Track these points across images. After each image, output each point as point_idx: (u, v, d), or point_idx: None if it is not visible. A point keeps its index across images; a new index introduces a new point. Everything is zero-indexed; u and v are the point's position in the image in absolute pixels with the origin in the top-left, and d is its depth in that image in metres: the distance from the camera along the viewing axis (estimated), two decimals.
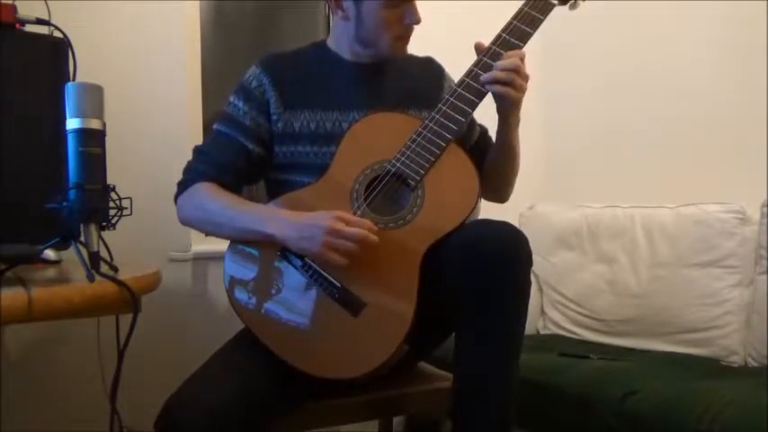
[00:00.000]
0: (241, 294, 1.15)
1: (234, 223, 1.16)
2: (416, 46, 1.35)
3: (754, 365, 1.70)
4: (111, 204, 1.00)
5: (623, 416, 1.37)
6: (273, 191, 1.30)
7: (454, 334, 1.08)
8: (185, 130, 1.78)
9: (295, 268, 1.12)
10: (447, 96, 1.17)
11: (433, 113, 1.16)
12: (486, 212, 1.17)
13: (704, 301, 1.78)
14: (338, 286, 1.09)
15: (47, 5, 1.25)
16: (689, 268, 1.81)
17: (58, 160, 1.02)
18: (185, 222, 1.26)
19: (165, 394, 1.02)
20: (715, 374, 1.59)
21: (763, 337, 1.67)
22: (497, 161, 1.28)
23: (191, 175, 1.25)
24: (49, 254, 1.16)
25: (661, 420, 1.31)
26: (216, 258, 1.73)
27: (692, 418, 1.26)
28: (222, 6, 2.03)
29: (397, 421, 1.92)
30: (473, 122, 1.36)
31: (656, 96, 2.17)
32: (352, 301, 1.08)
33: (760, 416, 1.22)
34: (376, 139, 1.20)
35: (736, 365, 1.72)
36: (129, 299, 0.93)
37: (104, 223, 1.00)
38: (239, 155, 1.24)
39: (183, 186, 1.25)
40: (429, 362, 1.38)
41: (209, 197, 1.21)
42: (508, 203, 1.37)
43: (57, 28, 1.18)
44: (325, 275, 1.09)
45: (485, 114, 1.27)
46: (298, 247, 1.10)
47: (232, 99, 1.27)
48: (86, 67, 1.21)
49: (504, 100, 1.14)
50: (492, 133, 1.33)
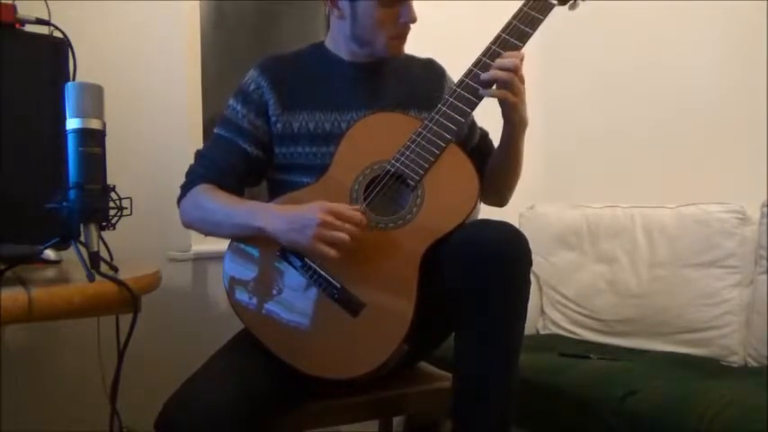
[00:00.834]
0: (241, 295, 1.15)
1: (229, 220, 1.17)
2: (416, 46, 1.36)
3: (754, 365, 1.70)
4: (111, 204, 1.00)
5: (623, 416, 1.37)
6: (274, 191, 1.31)
7: (454, 334, 1.08)
8: (185, 130, 1.78)
9: (294, 269, 1.12)
10: (447, 97, 1.17)
11: (433, 114, 1.16)
12: (486, 213, 1.18)
13: (704, 301, 1.78)
14: (338, 286, 1.09)
15: (47, 5, 1.25)
16: (689, 268, 1.81)
17: (58, 160, 1.02)
18: (187, 224, 1.27)
19: (165, 394, 1.02)
20: (715, 374, 1.59)
21: (763, 337, 1.67)
22: (500, 164, 1.27)
23: (192, 178, 1.26)
24: (49, 254, 1.16)
25: (661, 420, 1.31)
26: (216, 258, 1.73)
27: (692, 418, 1.26)
28: (222, 6, 2.03)
29: (397, 421, 1.92)
30: (473, 125, 1.36)
31: (656, 96, 2.17)
32: (352, 302, 1.08)
33: (760, 416, 1.22)
34: (375, 139, 1.20)
35: (736, 365, 1.72)
36: (129, 299, 0.93)
37: (104, 223, 1.00)
38: (239, 158, 1.25)
39: (184, 189, 1.26)
40: (429, 362, 1.38)
41: (207, 197, 1.21)
42: (508, 203, 1.37)
43: (57, 28, 1.19)
44: (325, 275, 1.09)
45: (486, 117, 1.27)
46: (288, 240, 1.10)
47: (231, 102, 1.28)
48: (86, 67, 1.21)
49: (504, 103, 1.14)
50: (493, 136, 1.33)
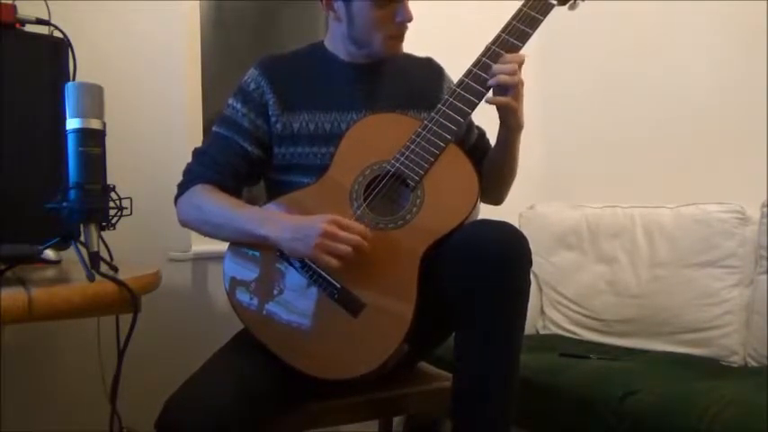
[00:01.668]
0: (241, 295, 1.15)
1: (231, 224, 1.17)
2: (416, 46, 1.36)
3: (754, 365, 1.69)
4: (111, 204, 1.00)
5: (623, 416, 1.37)
6: (273, 192, 1.31)
7: (454, 334, 1.08)
8: (185, 130, 1.78)
9: (295, 269, 1.12)
10: (446, 97, 1.17)
11: (433, 114, 1.16)
12: (486, 212, 1.17)
13: (704, 301, 1.78)
14: (338, 287, 1.09)
15: (47, 5, 1.25)
16: (689, 268, 1.81)
17: (58, 160, 1.02)
18: (184, 224, 1.26)
19: (165, 394, 1.02)
20: (715, 374, 1.59)
21: (763, 337, 1.67)
22: (496, 165, 1.28)
23: (190, 177, 1.26)
24: (49, 254, 1.16)
25: (661, 420, 1.31)
26: (216, 258, 1.73)
27: (692, 418, 1.26)
28: (222, 6, 2.03)
29: (397, 421, 1.92)
30: (471, 124, 1.36)
31: (656, 96, 2.17)
32: (352, 302, 1.08)
33: (760, 416, 1.21)
34: (375, 139, 1.20)
35: (736, 365, 1.72)
36: (129, 299, 0.93)
37: (104, 223, 1.00)
38: (237, 157, 1.25)
39: (182, 188, 1.26)
40: (429, 362, 1.38)
41: (206, 199, 1.21)
42: (508, 203, 1.37)
43: (57, 28, 1.19)
44: (325, 276, 1.09)
45: (484, 116, 1.27)
46: (290, 249, 1.10)
47: (231, 101, 1.28)
48: (86, 67, 1.21)
49: (504, 108, 1.15)
50: (490, 135, 1.33)
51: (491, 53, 1.15)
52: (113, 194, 1.00)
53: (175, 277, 1.75)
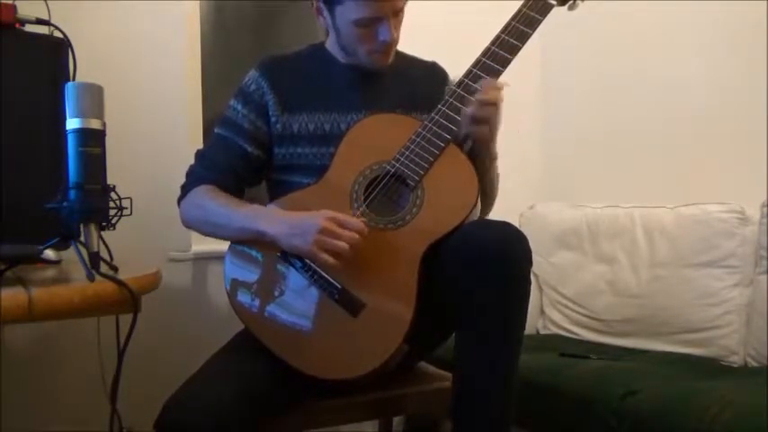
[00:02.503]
0: (241, 295, 1.15)
1: (231, 223, 1.17)
2: (416, 46, 1.36)
3: (754, 365, 1.69)
4: (111, 204, 1.00)
5: (623, 416, 1.37)
6: (274, 192, 1.31)
7: (454, 334, 1.08)
8: (185, 130, 1.78)
9: (295, 269, 1.12)
10: (446, 97, 1.17)
11: (432, 114, 1.16)
12: None
13: (704, 301, 1.77)
14: (338, 287, 1.09)
15: (47, 5, 1.25)
16: (689, 268, 1.81)
17: (58, 160, 1.02)
18: (188, 224, 1.27)
19: (165, 394, 1.02)
20: (715, 374, 1.59)
21: (763, 337, 1.67)
22: None
23: (192, 179, 1.27)
24: (49, 254, 1.16)
25: (661, 420, 1.31)
26: (216, 258, 1.73)
27: (691, 418, 1.26)
28: (222, 6, 2.03)
29: (397, 421, 1.92)
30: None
31: (655, 96, 2.17)
32: (352, 302, 1.08)
33: (760, 416, 1.21)
34: (375, 139, 1.20)
35: (736, 365, 1.72)
36: (129, 299, 0.93)
37: (104, 223, 1.00)
38: (238, 158, 1.25)
39: (185, 190, 1.27)
40: (429, 362, 1.38)
41: (208, 199, 1.22)
42: (508, 203, 1.37)
43: (57, 28, 1.19)
44: (325, 276, 1.10)
45: None
46: (288, 245, 1.10)
47: (232, 103, 1.28)
48: (86, 67, 1.21)
49: (478, 140, 1.15)
50: None
51: (491, 53, 1.16)
52: (113, 194, 1.00)
53: (175, 277, 1.75)
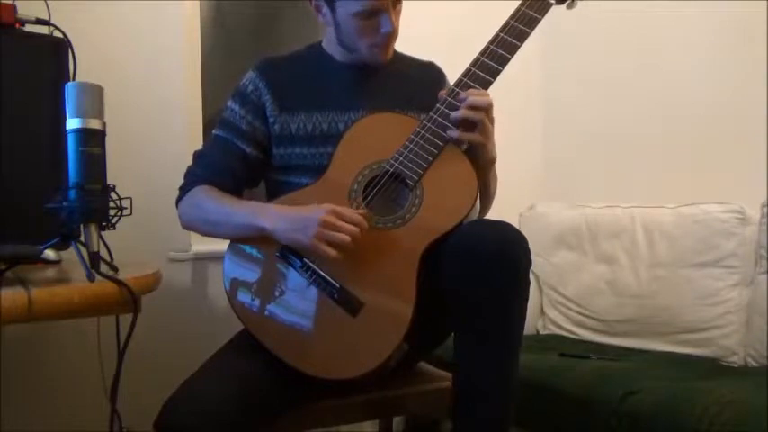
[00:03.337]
0: (240, 295, 1.15)
1: (230, 220, 1.17)
2: (415, 46, 1.36)
3: (754, 365, 1.69)
4: (111, 204, 1.00)
5: (623, 416, 1.37)
6: (273, 193, 1.31)
7: (454, 334, 1.08)
8: (185, 130, 1.78)
9: (294, 269, 1.12)
10: (445, 97, 1.17)
11: (431, 113, 1.16)
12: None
13: (704, 301, 1.77)
14: (337, 286, 1.09)
15: (47, 5, 1.25)
16: (689, 268, 1.81)
17: (58, 160, 1.02)
18: (187, 225, 1.27)
19: (165, 394, 1.02)
20: (715, 374, 1.58)
21: (763, 337, 1.67)
22: None
23: (190, 180, 1.27)
24: (49, 254, 1.16)
25: (661, 420, 1.31)
26: (216, 258, 1.73)
27: (692, 418, 1.26)
28: (222, 6, 2.03)
29: (397, 421, 1.92)
30: None
31: (656, 96, 2.17)
32: (351, 302, 1.08)
33: (760, 416, 1.21)
34: (374, 139, 1.20)
35: (736, 365, 1.72)
36: (129, 299, 0.93)
37: (104, 223, 1.00)
38: (236, 159, 1.25)
39: (183, 191, 1.27)
40: (429, 362, 1.38)
41: (206, 198, 1.22)
42: (508, 203, 1.37)
43: (57, 28, 1.19)
44: (324, 276, 1.10)
45: None
46: (289, 239, 1.10)
47: (229, 104, 1.29)
48: (86, 67, 1.21)
49: (473, 144, 1.15)
50: None
51: (490, 53, 1.15)
52: (113, 194, 1.00)
53: (175, 277, 1.75)
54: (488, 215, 1.29)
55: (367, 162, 1.17)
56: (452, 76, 1.31)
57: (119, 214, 1.01)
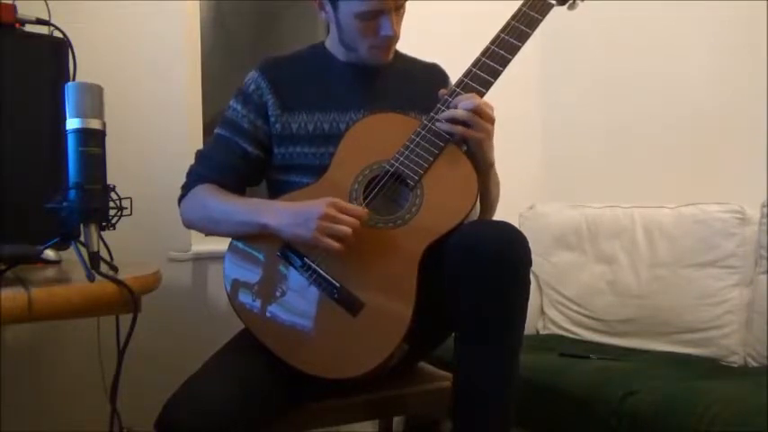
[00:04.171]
0: (241, 295, 1.15)
1: (231, 218, 1.17)
2: (416, 46, 1.36)
3: (754, 365, 1.69)
4: (111, 204, 1.00)
5: (623, 416, 1.37)
6: (274, 192, 1.31)
7: (454, 334, 1.08)
8: (185, 130, 1.78)
9: (294, 269, 1.12)
10: (446, 97, 1.17)
11: (432, 114, 1.16)
12: None
13: (704, 301, 1.77)
14: (337, 286, 1.09)
15: (47, 5, 1.25)
16: (689, 268, 1.81)
17: (58, 160, 1.02)
18: (188, 224, 1.27)
19: (165, 394, 1.02)
20: (715, 374, 1.58)
21: (763, 337, 1.67)
22: None
23: (192, 179, 1.27)
24: (49, 254, 1.16)
25: (661, 420, 1.31)
26: (216, 258, 1.73)
27: (692, 418, 1.26)
28: (222, 6, 2.04)
29: (397, 421, 1.92)
30: None
31: (655, 96, 2.17)
32: (351, 301, 1.08)
33: (760, 416, 1.21)
34: (375, 139, 1.20)
35: (736, 365, 1.72)
36: (129, 299, 0.93)
37: (104, 223, 1.00)
38: (238, 157, 1.25)
39: (185, 190, 1.27)
40: (429, 362, 1.38)
41: (208, 196, 1.22)
42: (508, 203, 1.37)
43: (57, 28, 1.19)
44: (324, 275, 1.10)
45: None
46: (291, 234, 1.10)
47: (232, 103, 1.29)
48: (86, 67, 1.21)
49: (469, 140, 1.15)
50: None
51: (490, 53, 1.16)
52: (113, 194, 1.00)
53: (175, 277, 1.75)
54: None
55: (368, 162, 1.17)
56: (454, 76, 1.31)
57: (119, 214, 1.01)
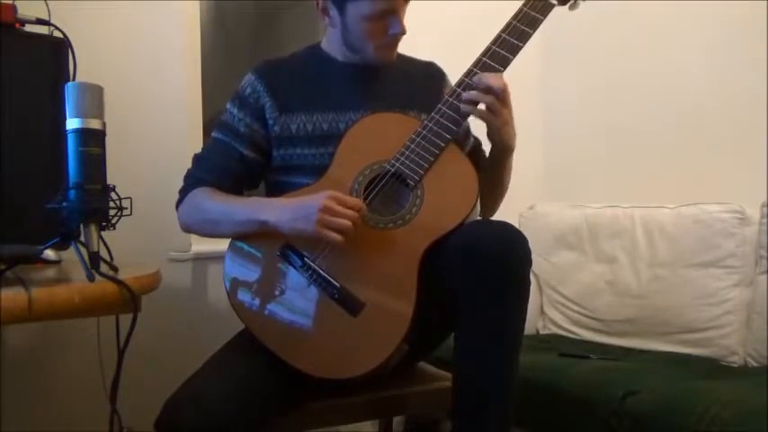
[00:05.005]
0: (241, 295, 1.15)
1: (230, 218, 1.17)
2: (416, 46, 1.36)
3: (754, 365, 1.69)
4: (111, 204, 1.00)
5: (623, 416, 1.37)
6: (273, 193, 1.31)
7: (454, 334, 1.08)
8: (185, 130, 1.78)
9: (294, 268, 1.12)
10: (447, 97, 1.17)
11: (433, 114, 1.16)
12: None
13: (704, 301, 1.78)
14: (337, 286, 1.09)
15: (47, 5, 1.25)
16: (689, 268, 1.81)
17: (58, 160, 1.02)
18: (186, 227, 1.27)
19: (165, 394, 1.02)
20: (715, 374, 1.59)
21: (763, 337, 1.67)
22: (485, 180, 1.24)
23: (190, 182, 1.27)
24: (49, 254, 1.16)
25: (661, 420, 1.31)
26: (216, 258, 1.73)
27: (692, 418, 1.26)
28: (222, 6, 2.03)
29: (397, 421, 1.92)
30: (468, 131, 1.35)
31: (656, 96, 2.17)
32: (352, 301, 1.08)
33: (760, 416, 1.21)
34: (375, 139, 1.20)
35: (736, 365, 1.72)
36: (129, 299, 0.93)
37: (104, 223, 1.00)
38: (235, 161, 1.26)
39: (183, 193, 1.27)
40: (429, 362, 1.38)
41: (206, 198, 1.22)
42: (508, 203, 1.37)
43: (57, 28, 1.18)
44: (325, 275, 1.10)
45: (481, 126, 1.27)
46: (292, 229, 1.10)
47: (228, 106, 1.29)
48: (86, 67, 1.21)
49: (488, 124, 1.14)
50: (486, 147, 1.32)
51: (491, 53, 1.15)
52: (113, 194, 1.00)
53: (175, 277, 1.75)
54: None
55: (368, 162, 1.17)
56: (453, 76, 1.31)
57: (119, 214, 1.01)
